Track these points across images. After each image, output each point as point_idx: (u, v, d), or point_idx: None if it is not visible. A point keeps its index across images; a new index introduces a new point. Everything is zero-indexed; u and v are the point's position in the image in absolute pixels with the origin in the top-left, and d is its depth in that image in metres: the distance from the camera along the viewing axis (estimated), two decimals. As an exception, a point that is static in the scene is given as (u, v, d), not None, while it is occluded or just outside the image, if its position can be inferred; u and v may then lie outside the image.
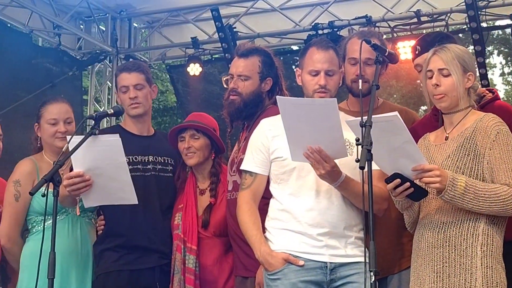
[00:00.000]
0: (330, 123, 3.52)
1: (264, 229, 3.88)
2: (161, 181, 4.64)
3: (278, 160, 3.86)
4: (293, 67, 13.08)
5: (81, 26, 10.30)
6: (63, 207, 4.32)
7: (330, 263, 3.72)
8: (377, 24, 8.90)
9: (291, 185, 3.83)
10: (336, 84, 3.94)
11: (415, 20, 8.78)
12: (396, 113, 3.42)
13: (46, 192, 3.65)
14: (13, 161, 5.09)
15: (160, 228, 4.56)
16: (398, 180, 3.48)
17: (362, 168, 3.19)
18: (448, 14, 8.58)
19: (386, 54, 3.80)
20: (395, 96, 16.28)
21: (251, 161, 3.96)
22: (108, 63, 10.52)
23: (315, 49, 3.93)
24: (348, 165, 3.65)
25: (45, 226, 4.19)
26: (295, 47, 11.30)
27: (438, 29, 8.59)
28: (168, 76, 13.21)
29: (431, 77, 3.71)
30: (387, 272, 4.07)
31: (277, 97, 3.69)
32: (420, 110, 15.21)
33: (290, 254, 3.73)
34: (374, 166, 3.51)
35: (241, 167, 4.00)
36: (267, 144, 3.91)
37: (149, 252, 4.51)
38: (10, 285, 4.93)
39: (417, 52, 4.22)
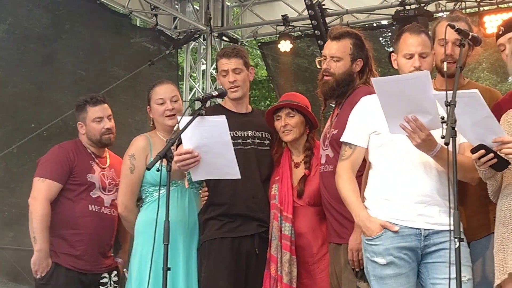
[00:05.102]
0: (423, 94, 3.70)
1: (363, 198, 4.10)
2: (260, 154, 4.89)
3: (376, 134, 4.08)
4: (380, 39, 13.20)
5: (177, 6, 10.60)
6: (173, 179, 4.52)
7: (424, 229, 3.91)
8: (463, -1, 8.97)
9: (388, 157, 4.04)
10: (430, 65, 4.14)
11: (502, -6, 8.73)
12: (476, 90, 3.62)
13: (160, 167, 4.04)
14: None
15: (260, 198, 4.81)
16: (482, 151, 3.64)
17: (447, 144, 3.44)
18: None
19: (470, 37, 3.95)
20: (483, 65, 16.14)
21: (351, 134, 4.19)
22: (202, 41, 10.79)
23: (408, 34, 4.15)
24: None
25: (158, 197, 4.58)
26: (384, 22, 11.34)
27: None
28: (257, 51, 13.43)
29: None
30: (472, 238, 4.19)
31: (372, 78, 3.94)
32: (510, 79, 15.08)
33: (386, 221, 3.94)
34: (464, 139, 3.79)
35: (342, 139, 4.22)
36: (366, 119, 4.13)
37: (249, 220, 4.76)
38: (121, 251, 5.41)
39: (500, 33, 4.36)
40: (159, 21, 10.23)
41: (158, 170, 4.07)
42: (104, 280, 5.20)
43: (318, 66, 4.71)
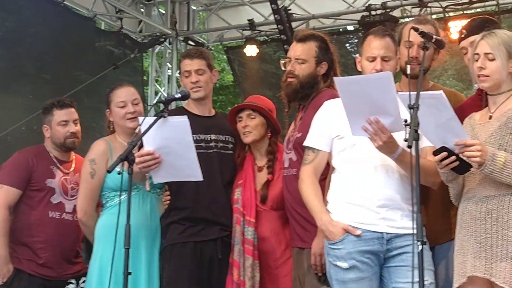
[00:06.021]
0: (386, 95, 3.71)
1: (325, 202, 4.10)
2: (223, 158, 4.86)
3: (339, 138, 4.08)
4: (347, 45, 13.25)
5: (142, 10, 10.56)
6: (134, 183, 4.48)
7: (387, 233, 3.93)
8: (429, 4, 8.99)
9: (351, 160, 4.04)
10: (392, 69, 4.14)
11: (467, 0, 8.87)
12: (441, 91, 3.63)
13: (121, 170, 3.99)
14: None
15: (222, 202, 4.78)
16: (445, 153, 3.65)
17: (409, 147, 3.44)
18: (500, -6, 8.55)
19: (433, 40, 3.97)
20: (449, 72, 16.29)
21: (314, 139, 4.18)
22: (168, 45, 10.76)
23: (372, 37, 4.17)
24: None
25: (119, 201, 4.52)
26: (350, 27, 11.39)
27: (489, 9, 8.70)
28: (223, 56, 13.41)
29: (478, 60, 3.87)
30: (435, 243, 4.20)
31: (335, 78, 3.96)
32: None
33: (349, 225, 3.93)
34: (429, 143, 3.77)
35: (304, 144, 4.22)
36: (329, 123, 4.13)
37: (211, 224, 4.73)
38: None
39: (462, 36, 4.40)
40: (124, 24, 10.16)
41: (119, 173, 4.03)
42: (71, 286, 5.15)
43: (283, 68, 4.70)
